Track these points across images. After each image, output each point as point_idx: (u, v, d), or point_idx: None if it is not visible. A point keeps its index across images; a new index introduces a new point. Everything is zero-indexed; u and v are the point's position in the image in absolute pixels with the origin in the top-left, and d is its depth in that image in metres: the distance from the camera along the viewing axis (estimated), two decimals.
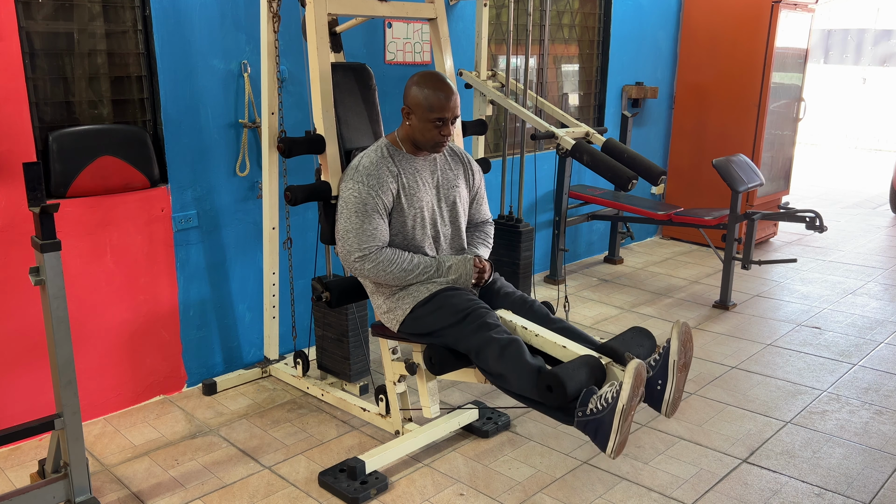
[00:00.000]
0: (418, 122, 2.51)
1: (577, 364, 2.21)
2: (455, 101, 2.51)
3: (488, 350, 2.32)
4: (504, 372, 2.28)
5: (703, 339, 4.18)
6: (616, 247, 5.68)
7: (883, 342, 4.11)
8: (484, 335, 2.35)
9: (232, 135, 3.46)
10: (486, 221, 2.88)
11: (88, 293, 3.11)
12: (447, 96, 2.48)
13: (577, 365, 2.20)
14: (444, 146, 2.57)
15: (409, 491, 2.71)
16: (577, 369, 2.18)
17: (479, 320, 2.39)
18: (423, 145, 2.56)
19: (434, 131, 2.51)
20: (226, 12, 3.32)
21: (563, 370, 2.15)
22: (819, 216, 4.50)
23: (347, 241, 2.51)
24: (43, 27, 2.90)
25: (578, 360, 2.23)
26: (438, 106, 2.47)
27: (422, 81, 2.50)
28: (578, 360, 2.23)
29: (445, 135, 2.51)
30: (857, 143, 12.86)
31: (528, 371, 2.23)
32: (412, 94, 2.51)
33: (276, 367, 3.66)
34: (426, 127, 2.50)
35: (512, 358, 2.27)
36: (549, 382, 2.14)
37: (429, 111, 2.47)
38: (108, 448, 3.01)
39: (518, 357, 2.26)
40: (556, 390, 2.13)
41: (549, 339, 2.38)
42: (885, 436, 3.11)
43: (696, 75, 5.99)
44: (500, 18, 4.72)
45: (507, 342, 2.30)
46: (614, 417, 2.06)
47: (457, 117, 2.54)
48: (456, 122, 2.56)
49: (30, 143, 2.84)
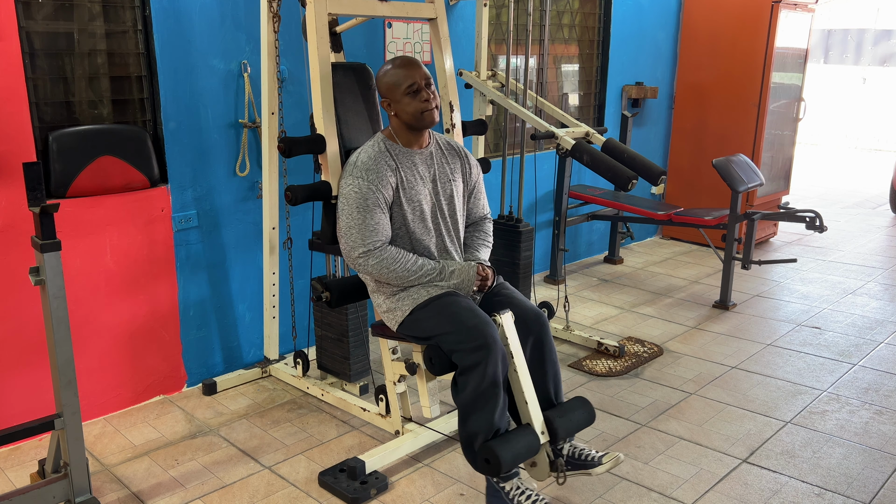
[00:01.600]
0: (398, 104, 2.55)
1: (521, 436, 2.40)
2: (418, 67, 2.55)
3: (473, 376, 2.37)
4: (469, 411, 2.41)
5: (703, 339, 4.18)
6: (616, 247, 5.68)
7: (883, 342, 4.11)
8: (477, 357, 2.36)
9: (232, 135, 3.46)
10: (484, 217, 2.88)
11: (88, 293, 3.11)
12: (409, 64, 2.55)
13: (520, 437, 2.40)
14: (433, 112, 2.56)
15: (409, 491, 2.71)
16: (519, 441, 2.39)
17: (478, 340, 2.37)
18: (414, 122, 2.56)
19: (414, 102, 2.53)
20: (226, 12, 3.32)
21: (506, 446, 2.34)
22: (819, 216, 4.50)
23: (350, 238, 2.51)
24: (43, 27, 2.90)
25: (522, 433, 2.42)
26: (404, 76, 2.52)
27: (383, 69, 2.60)
28: (522, 433, 2.42)
29: (426, 99, 2.53)
30: (857, 142, 12.86)
31: (485, 428, 2.38)
32: (381, 84, 2.59)
33: (276, 367, 3.66)
34: (405, 102, 2.53)
35: (483, 405, 2.39)
36: (490, 458, 2.33)
37: (398, 86, 2.52)
38: (108, 448, 3.01)
39: (488, 408, 2.39)
40: (491, 466, 2.34)
41: (519, 386, 2.48)
42: (885, 436, 3.11)
43: (696, 75, 5.99)
44: (500, 18, 4.72)
45: (490, 385, 2.38)
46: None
47: (430, 82, 2.56)
48: (431, 86, 2.57)
49: (30, 143, 2.84)
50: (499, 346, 2.38)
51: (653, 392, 3.52)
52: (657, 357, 3.92)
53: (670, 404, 3.39)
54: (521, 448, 2.37)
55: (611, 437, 3.09)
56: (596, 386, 3.59)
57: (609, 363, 3.82)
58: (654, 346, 4.05)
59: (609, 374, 3.71)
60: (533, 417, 2.45)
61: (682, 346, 4.07)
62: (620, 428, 3.17)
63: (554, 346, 2.60)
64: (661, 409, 3.34)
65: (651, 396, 3.47)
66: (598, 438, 3.08)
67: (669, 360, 3.89)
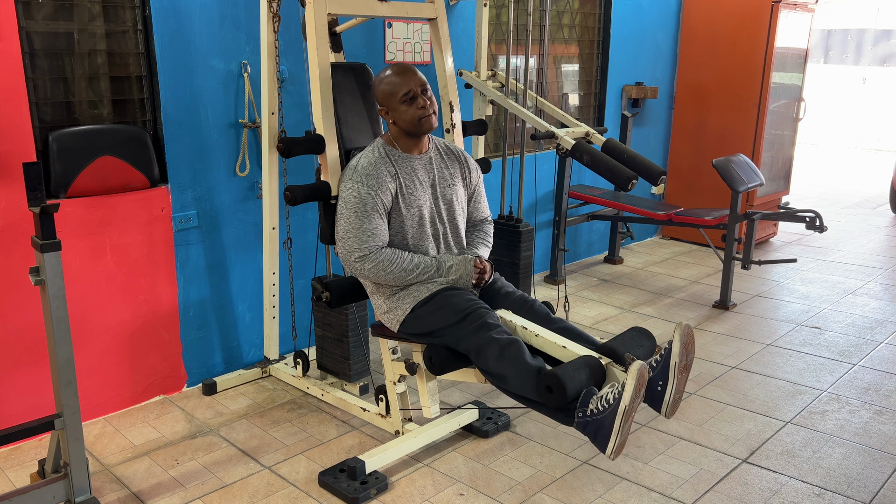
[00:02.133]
0: (395, 112, 2.55)
1: (578, 364, 2.20)
2: (414, 74, 2.55)
3: (488, 350, 2.32)
4: (504, 372, 2.28)
5: (703, 339, 4.18)
6: (616, 247, 5.68)
7: (883, 342, 4.11)
8: (484, 335, 2.34)
9: (232, 135, 3.46)
10: (485, 220, 2.88)
11: (88, 293, 3.11)
12: (404, 72, 2.55)
13: (577, 365, 2.20)
14: (431, 119, 2.56)
15: (409, 491, 2.71)
16: (578, 370, 2.18)
17: (479, 320, 2.39)
18: (412, 129, 2.56)
19: (411, 109, 2.53)
20: (226, 12, 3.32)
21: (563, 371, 2.15)
22: (819, 216, 4.50)
23: (347, 242, 2.51)
24: (43, 27, 2.90)
25: (579, 361, 2.22)
26: (400, 83, 2.52)
27: (379, 77, 2.59)
28: (579, 361, 2.22)
29: (423, 106, 2.53)
30: (856, 142, 12.86)
31: (528, 372, 2.23)
32: (378, 92, 2.58)
33: (276, 367, 3.66)
34: (402, 110, 2.53)
35: (511, 358, 2.27)
36: (549, 383, 2.14)
37: (395, 94, 2.53)
38: (108, 448, 3.01)
39: (518, 358, 2.26)
40: (555, 391, 2.12)
41: (549, 340, 2.38)
42: (885, 436, 3.11)
43: (696, 75, 5.99)
44: (500, 18, 4.72)
45: (507, 343, 2.30)
46: (616, 419, 2.05)
47: (426, 89, 2.56)
48: (428, 92, 2.57)
49: (30, 143, 2.84)
50: (502, 327, 2.39)
51: None
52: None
53: None
54: (577, 364, 2.18)
55: None
56: None
57: None
58: None
59: None
60: (578, 350, 2.29)
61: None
62: None
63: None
64: None
65: None
66: None
67: None
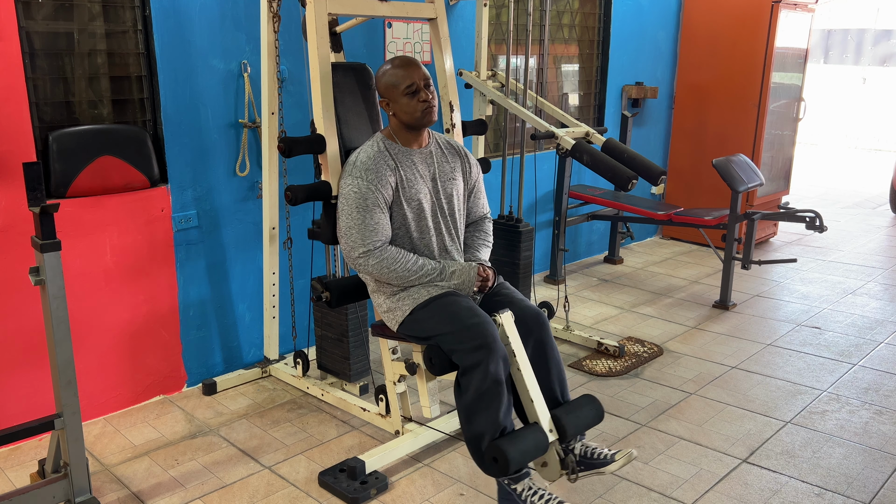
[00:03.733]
0: (396, 104, 2.56)
1: (528, 434, 2.36)
2: (417, 68, 2.55)
3: (475, 376, 2.35)
4: (473, 411, 2.38)
5: (703, 339, 4.19)
6: (616, 247, 5.68)
7: (883, 342, 4.11)
8: (478, 356, 2.35)
9: (232, 135, 3.46)
10: (484, 217, 2.88)
11: (88, 293, 3.11)
12: (408, 64, 2.56)
13: (527, 434, 2.35)
14: (432, 111, 2.57)
15: (409, 491, 2.71)
16: (527, 438, 2.34)
17: (478, 340, 2.36)
18: (413, 122, 2.56)
19: (413, 102, 2.53)
20: (226, 12, 3.32)
21: (514, 444, 2.29)
22: (819, 216, 4.50)
23: (350, 238, 2.51)
24: (43, 27, 2.90)
25: (529, 431, 2.37)
26: (403, 76, 2.53)
27: (382, 69, 2.60)
28: (529, 431, 2.37)
29: (425, 100, 2.54)
30: (856, 142, 12.86)
31: (491, 428, 2.35)
32: (381, 84, 2.59)
33: (276, 367, 3.66)
34: (404, 102, 2.54)
35: (487, 404, 2.35)
36: (496, 455, 2.29)
37: (397, 86, 2.53)
38: (108, 448, 3.01)
39: (493, 407, 2.35)
40: (499, 465, 2.29)
41: (524, 384, 2.45)
42: (885, 436, 3.11)
43: (696, 75, 5.99)
44: (500, 18, 4.72)
45: (493, 383, 2.35)
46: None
47: (429, 83, 2.57)
48: (430, 86, 2.58)
49: (30, 143, 2.84)
50: (499, 346, 2.38)
51: (653, 392, 3.52)
52: (657, 357, 3.92)
53: (670, 404, 3.39)
54: (529, 445, 2.32)
55: (611, 437, 3.09)
56: (596, 386, 3.59)
57: (609, 363, 3.82)
58: (654, 346, 4.06)
59: (609, 374, 3.71)
60: (540, 415, 2.42)
61: (682, 346, 4.07)
62: (620, 428, 3.17)
63: (556, 346, 2.59)
64: (661, 409, 3.34)
65: (651, 396, 3.47)
66: (598, 438, 3.08)
67: (669, 360, 3.89)
